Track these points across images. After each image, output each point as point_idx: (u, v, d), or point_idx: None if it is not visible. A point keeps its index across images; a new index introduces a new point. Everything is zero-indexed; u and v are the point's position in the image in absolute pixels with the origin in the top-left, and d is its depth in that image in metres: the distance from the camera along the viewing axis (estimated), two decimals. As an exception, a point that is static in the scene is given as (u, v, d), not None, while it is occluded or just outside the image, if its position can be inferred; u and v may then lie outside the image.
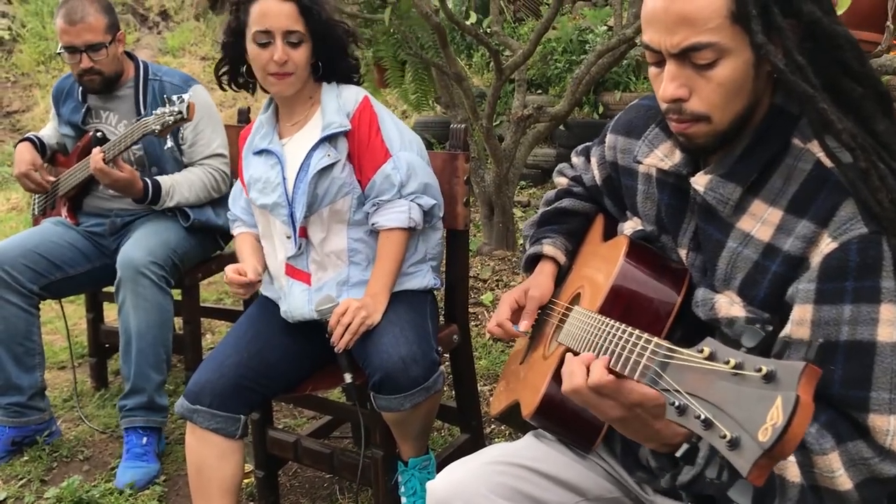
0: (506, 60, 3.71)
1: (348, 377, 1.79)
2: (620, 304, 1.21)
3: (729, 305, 1.12)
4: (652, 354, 0.93)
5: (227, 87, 2.00)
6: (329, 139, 1.86)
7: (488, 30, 3.63)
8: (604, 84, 5.25)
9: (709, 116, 1.09)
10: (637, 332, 0.99)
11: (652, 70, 1.13)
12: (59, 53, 2.52)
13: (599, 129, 5.24)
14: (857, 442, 0.98)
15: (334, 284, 1.88)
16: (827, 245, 1.01)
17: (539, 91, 5.59)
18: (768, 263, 1.08)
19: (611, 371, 1.01)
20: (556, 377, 1.27)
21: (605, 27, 5.57)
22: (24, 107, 7.10)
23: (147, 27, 7.71)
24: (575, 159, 1.59)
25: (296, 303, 1.90)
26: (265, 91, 1.93)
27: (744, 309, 1.10)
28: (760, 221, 1.10)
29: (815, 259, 1.02)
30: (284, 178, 1.88)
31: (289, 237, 1.89)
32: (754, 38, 1.03)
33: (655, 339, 0.95)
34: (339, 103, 1.90)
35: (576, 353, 1.15)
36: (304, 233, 1.88)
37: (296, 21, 1.83)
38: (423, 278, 1.95)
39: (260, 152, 1.94)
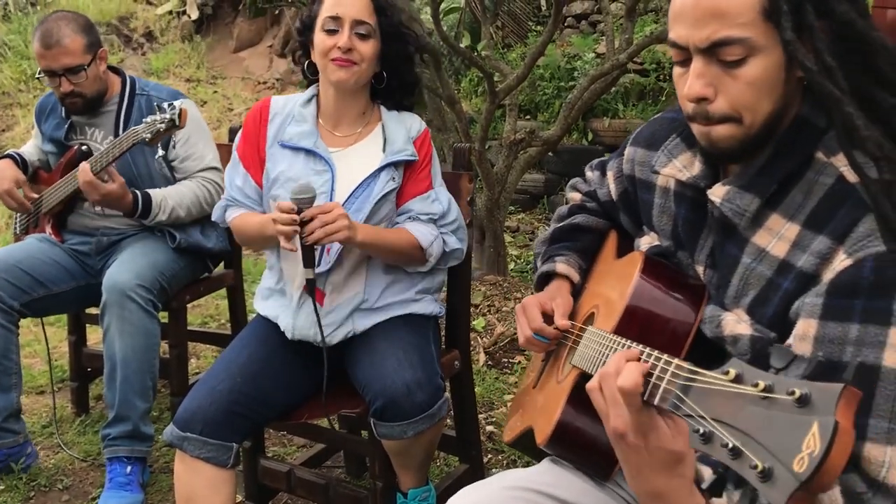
0: (498, 84, 3.69)
1: (309, 273, 1.66)
2: (637, 324, 1.15)
3: (735, 323, 1.07)
4: (673, 377, 0.86)
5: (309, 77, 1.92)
6: (395, 164, 1.80)
7: (483, 54, 3.60)
8: (593, 111, 5.27)
9: (738, 117, 1.03)
10: (656, 352, 0.93)
11: (676, 70, 1.08)
12: (38, 77, 2.44)
13: (589, 155, 5.25)
14: (851, 475, 0.91)
15: (348, 309, 1.80)
16: (841, 262, 0.96)
17: (528, 116, 5.59)
18: (781, 281, 1.02)
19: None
20: (571, 402, 1.21)
21: (594, 54, 5.60)
22: (5, 126, 6.98)
23: (131, 48, 7.64)
24: (589, 174, 1.54)
25: (301, 323, 1.81)
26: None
27: (750, 327, 1.05)
28: (777, 237, 1.05)
29: (827, 276, 0.97)
30: (333, 191, 1.79)
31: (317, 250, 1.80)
32: (783, 34, 0.98)
33: (676, 361, 0.88)
34: (406, 130, 1.85)
35: (591, 377, 1.09)
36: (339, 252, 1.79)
37: (368, 14, 1.78)
38: (428, 305, 1.89)
39: (298, 149, 1.83)
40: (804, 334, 0.96)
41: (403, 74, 1.88)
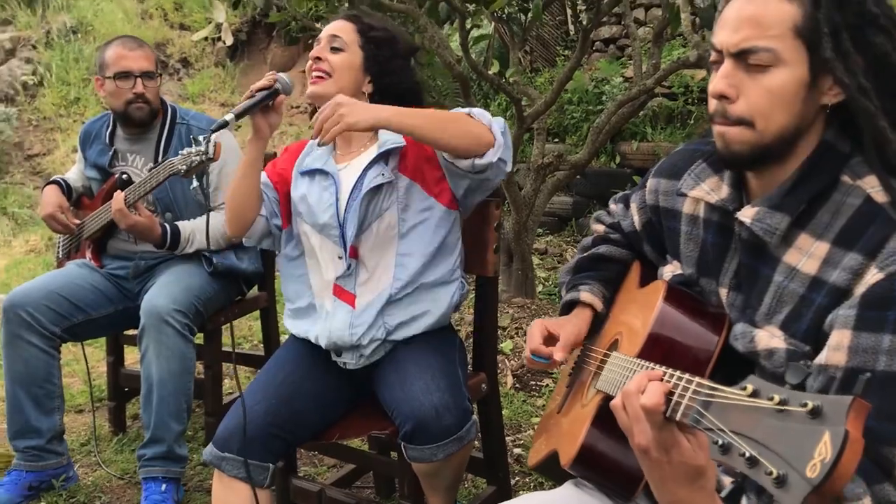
0: (526, 109, 3.74)
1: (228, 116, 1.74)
2: (660, 350, 1.19)
3: (769, 338, 1.11)
4: (694, 395, 0.91)
5: None
6: (384, 157, 1.86)
7: (510, 80, 3.66)
8: (621, 134, 5.30)
9: (752, 122, 1.09)
10: (678, 372, 0.97)
11: (713, 72, 1.15)
12: (110, 77, 2.51)
13: (616, 178, 5.25)
14: (884, 485, 0.95)
15: (378, 306, 1.85)
16: (873, 276, 1.01)
17: (556, 140, 5.63)
18: (814, 296, 1.07)
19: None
20: (595, 424, 1.24)
21: (622, 78, 5.64)
22: (45, 150, 7.17)
23: (168, 73, 7.82)
24: (613, 206, 1.59)
25: (337, 325, 1.86)
26: None
27: (784, 341, 1.09)
28: (807, 255, 1.09)
29: (860, 290, 1.02)
30: (337, 200, 1.87)
31: (340, 257, 1.87)
32: (823, 53, 1.05)
33: (697, 379, 0.92)
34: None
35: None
36: (354, 253, 1.85)
37: (344, 30, 1.90)
38: (455, 288, 1.92)
39: (311, 172, 1.93)
40: (838, 344, 1.01)
41: (395, 81, 1.93)
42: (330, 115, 1.64)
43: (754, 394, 0.83)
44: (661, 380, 0.97)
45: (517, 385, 3.13)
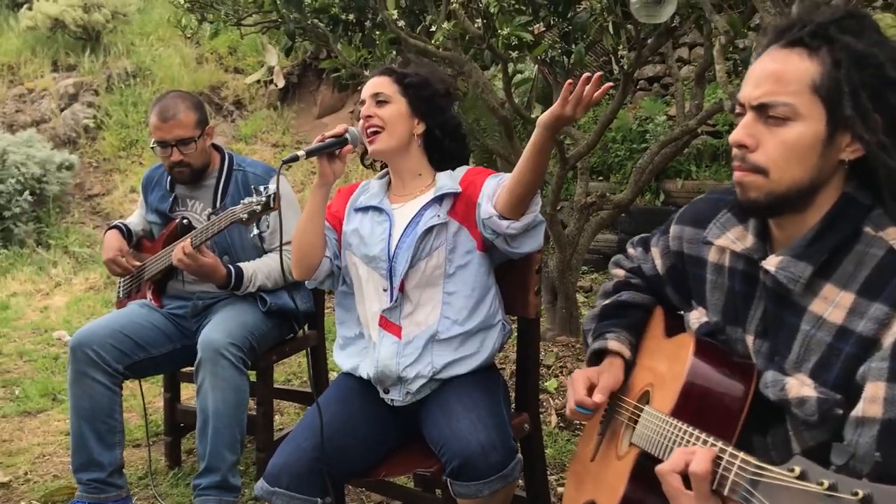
0: (569, 149, 3.81)
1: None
2: (692, 405, 1.24)
3: (800, 386, 1.15)
4: (740, 470, 0.95)
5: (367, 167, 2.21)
6: (439, 200, 1.97)
7: (553, 121, 3.73)
8: (666, 172, 5.31)
9: (766, 170, 1.16)
10: (721, 443, 1.01)
11: (737, 122, 1.22)
12: (151, 147, 2.69)
13: (661, 216, 5.24)
14: None
15: (424, 339, 1.93)
16: None
17: (600, 178, 5.67)
18: (841, 345, 1.11)
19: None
20: (633, 479, 1.29)
21: (665, 116, 5.67)
22: (105, 190, 7.45)
23: (222, 115, 8.09)
24: (631, 251, 1.64)
25: (385, 355, 1.95)
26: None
27: (815, 390, 1.13)
28: (833, 305, 1.14)
29: (888, 340, 1.06)
30: (390, 235, 1.98)
31: (385, 290, 1.96)
32: (844, 110, 1.11)
33: (742, 455, 0.96)
34: (451, 174, 2.03)
35: (651, 457, 1.18)
36: (401, 287, 1.94)
37: (384, 86, 2.02)
38: (499, 334, 2.02)
39: (366, 209, 2.05)
40: (874, 397, 1.05)
41: (442, 118, 2.04)
42: None
43: (802, 475, 0.85)
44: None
45: (561, 424, 3.16)
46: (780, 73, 1.14)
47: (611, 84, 1.71)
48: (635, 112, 5.82)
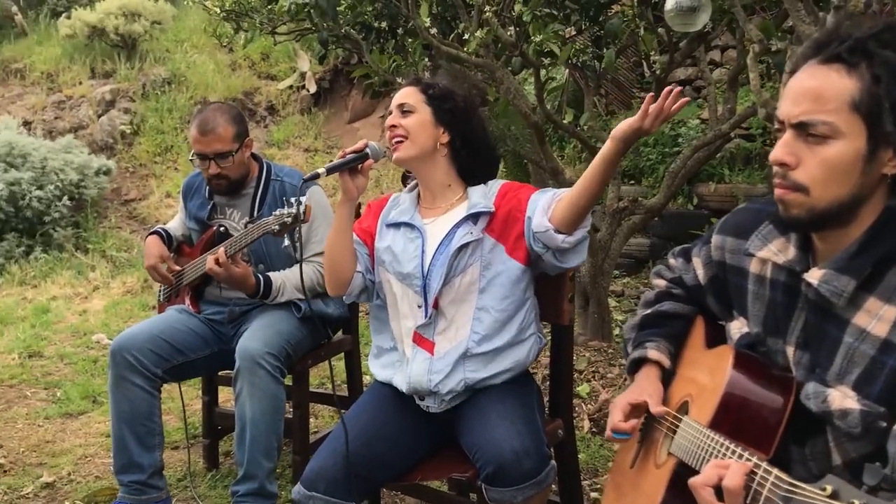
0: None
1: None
2: (731, 417, 1.25)
3: (842, 398, 1.15)
4: (774, 486, 0.96)
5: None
6: (472, 218, 1.98)
7: (585, 126, 3.74)
8: (698, 176, 5.28)
9: (807, 188, 1.16)
10: (755, 459, 1.02)
11: (777, 139, 1.23)
12: (190, 159, 2.74)
13: (693, 220, 5.19)
14: None
15: (455, 356, 1.95)
16: None
17: (632, 182, 5.66)
18: (885, 358, 1.11)
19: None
20: (671, 489, 1.31)
21: (698, 120, 5.64)
22: (141, 195, 7.57)
23: (255, 121, 8.18)
24: (673, 261, 1.65)
25: (417, 370, 1.98)
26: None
27: (858, 402, 1.14)
28: (876, 318, 1.14)
29: None
30: (423, 252, 2.00)
31: (420, 306, 1.99)
32: (884, 126, 1.11)
33: (775, 472, 0.98)
34: (484, 190, 2.04)
35: (688, 467, 1.20)
36: (435, 303, 1.97)
37: (410, 96, 2.05)
38: (532, 347, 2.03)
39: (397, 225, 2.07)
40: None
41: (467, 128, 2.05)
42: None
43: (834, 495, 0.87)
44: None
45: (593, 429, 3.16)
46: (819, 90, 1.14)
47: (687, 99, 1.71)
48: (667, 115, 5.79)
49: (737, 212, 1.47)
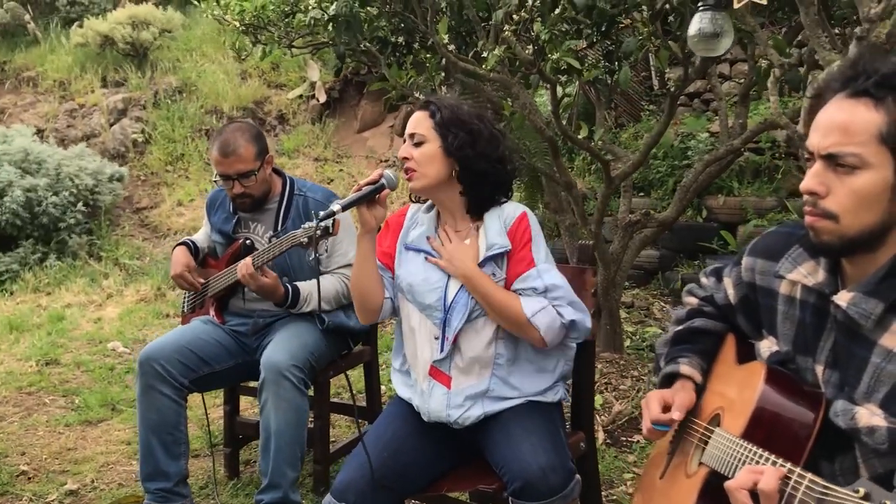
0: (613, 168, 3.87)
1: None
2: (763, 429, 1.30)
3: (870, 416, 1.20)
4: (808, 490, 1.01)
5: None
6: (495, 260, 1.97)
7: (600, 142, 3.80)
8: (708, 189, 5.33)
9: (837, 216, 1.22)
10: (789, 465, 1.07)
11: (808, 167, 1.28)
12: (213, 180, 2.80)
13: (702, 232, 5.23)
14: None
15: (473, 392, 1.98)
16: None
17: (641, 194, 5.71)
18: None
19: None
20: (703, 497, 1.36)
21: (707, 133, 5.70)
22: (153, 203, 7.64)
23: (265, 130, 8.25)
24: (704, 280, 1.70)
25: (435, 405, 2.01)
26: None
27: (885, 420, 1.18)
28: None
29: None
30: (448, 287, 1.99)
31: (437, 338, 2.00)
32: None
33: (809, 476, 1.03)
34: (501, 223, 1.99)
35: (720, 476, 1.25)
36: (454, 339, 1.97)
37: (418, 123, 2.02)
38: (556, 394, 2.05)
39: (419, 251, 2.06)
40: None
41: (473, 160, 1.98)
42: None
43: (866, 497, 0.92)
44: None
45: (608, 441, 3.21)
46: (847, 123, 1.20)
47: None
48: (677, 128, 5.85)
49: (767, 235, 1.52)
